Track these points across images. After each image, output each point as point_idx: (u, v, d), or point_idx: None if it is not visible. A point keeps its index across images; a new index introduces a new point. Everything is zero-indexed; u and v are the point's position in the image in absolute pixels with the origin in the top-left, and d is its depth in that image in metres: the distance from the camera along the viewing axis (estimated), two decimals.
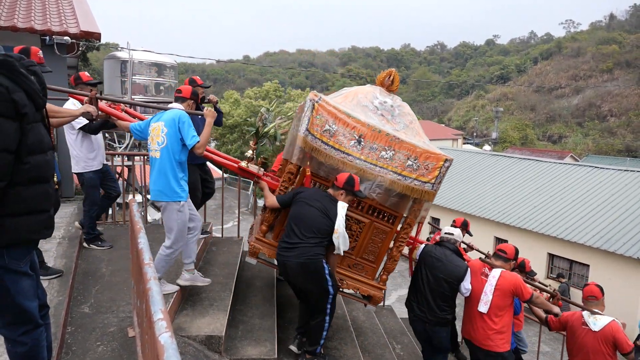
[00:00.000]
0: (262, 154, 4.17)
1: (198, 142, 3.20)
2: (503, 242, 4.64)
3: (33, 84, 1.84)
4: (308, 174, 3.59)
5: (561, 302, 4.40)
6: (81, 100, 3.90)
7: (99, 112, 3.57)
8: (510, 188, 16.48)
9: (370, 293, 3.88)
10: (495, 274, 3.80)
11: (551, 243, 13.46)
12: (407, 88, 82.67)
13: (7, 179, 1.77)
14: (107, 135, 10.53)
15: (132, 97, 10.52)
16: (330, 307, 3.41)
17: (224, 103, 27.47)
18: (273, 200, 3.60)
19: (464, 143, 46.32)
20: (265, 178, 3.90)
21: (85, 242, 4.39)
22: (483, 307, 3.77)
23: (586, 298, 3.98)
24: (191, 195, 3.53)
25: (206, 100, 4.65)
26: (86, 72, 4.27)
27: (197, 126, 3.95)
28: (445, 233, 4.17)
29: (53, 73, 6.71)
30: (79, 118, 3.63)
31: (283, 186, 3.67)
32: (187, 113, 3.33)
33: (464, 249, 4.79)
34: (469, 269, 3.94)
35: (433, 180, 3.52)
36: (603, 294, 3.95)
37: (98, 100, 3.54)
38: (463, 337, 4.16)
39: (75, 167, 4.18)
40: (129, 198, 4.17)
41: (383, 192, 3.67)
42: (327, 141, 3.41)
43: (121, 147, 10.92)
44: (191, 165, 4.06)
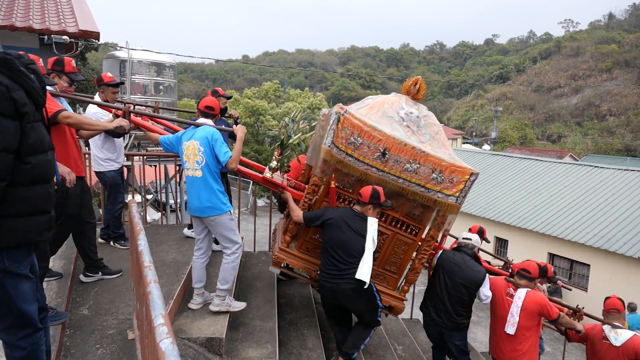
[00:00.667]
0: (286, 164, 4.15)
1: (231, 158, 3.22)
2: (503, 242, 4.61)
3: (33, 83, 1.81)
4: (333, 187, 3.59)
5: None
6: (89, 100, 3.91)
7: (131, 125, 3.56)
8: (510, 188, 16.48)
9: (391, 304, 3.89)
10: (520, 295, 3.78)
11: (551, 243, 13.44)
12: None
13: (8, 179, 1.74)
14: None
15: (131, 97, 10.48)
16: (379, 319, 3.60)
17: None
18: (299, 215, 3.59)
19: (463, 142, 46.37)
20: (289, 189, 3.88)
21: (111, 241, 4.40)
22: (510, 329, 3.76)
23: (607, 311, 3.93)
24: None
25: (227, 113, 4.74)
26: (108, 73, 4.25)
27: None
28: (463, 238, 4.17)
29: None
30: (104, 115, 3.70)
31: (307, 197, 3.67)
32: (218, 129, 3.34)
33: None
34: (489, 280, 3.95)
35: (457, 193, 3.54)
36: (625, 307, 3.92)
37: (131, 113, 3.52)
38: (492, 358, 4.13)
39: (96, 167, 4.21)
40: (129, 199, 4.14)
41: (408, 204, 3.68)
42: (352, 153, 3.43)
43: None
44: None
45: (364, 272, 3.33)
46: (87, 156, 4.96)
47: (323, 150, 3.43)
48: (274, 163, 3.87)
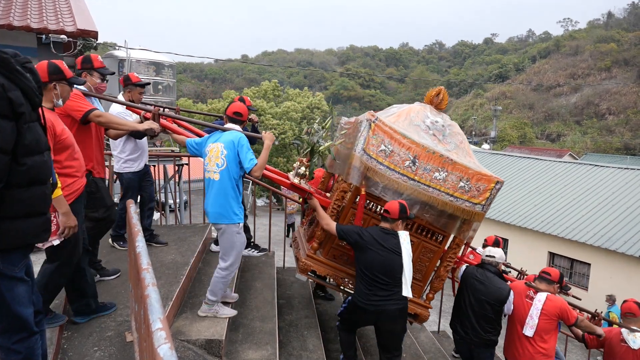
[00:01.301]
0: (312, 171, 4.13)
1: (256, 165, 3.16)
2: (504, 241, 4.63)
3: (29, 82, 1.77)
4: (363, 194, 3.57)
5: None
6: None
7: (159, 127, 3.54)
8: (510, 187, 16.47)
9: (416, 311, 3.88)
10: (540, 298, 3.79)
11: (552, 242, 13.44)
12: (406, 87, 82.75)
13: (4, 181, 1.71)
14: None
15: None
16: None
17: (224, 103, 27.44)
18: (330, 225, 3.55)
19: None
20: (318, 195, 3.86)
21: (110, 239, 4.37)
22: (529, 331, 3.76)
23: (624, 315, 3.96)
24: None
25: (253, 121, 4.80)
26: (135, 73, 4.23)
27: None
28: (486, 255, 4.15)
29: None
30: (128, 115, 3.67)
31: (336, 204, 3.66)
32: (245, 135, 3.31)
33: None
34: (513, 291, 3.94)
35: (483, 202, 3.56)
36: None
37: (160, 116, 3.49)
38: (505, 359, 4.13)
39: (116, 167, 4.20)
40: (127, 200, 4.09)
41: (435, 213, 3.66)
42: (382, 161, 3.42)
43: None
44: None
45: (408, 289, 3.37)
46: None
47: (354, 157, 3.43)
48: (303, 169, 3.86)
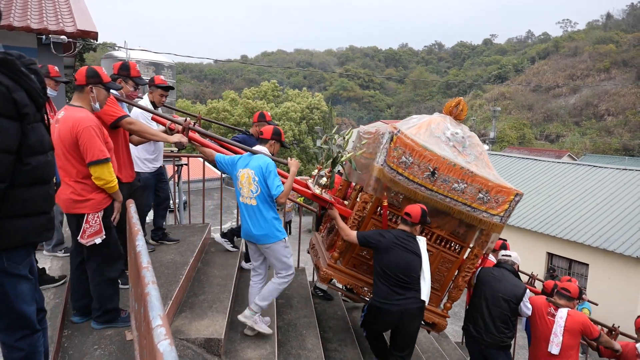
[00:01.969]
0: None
1: (282, 193, 3.24)
2: (503, 242, 4.63)
3: (34, 83, 1.79)
4: (385, 204, 3.65)
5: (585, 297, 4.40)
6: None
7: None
8: None
9: (434, 320, 3.93)
10: (562, 314, 3.81)
11: (550, 242, 13.47)
12: (405, 88, 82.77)
13: (8, 181, 1.73)
14: None
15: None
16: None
17: (223, 103, 27.47)
18: (351, 235, 3.62)
19: None
20: (338, 206, 3.91)
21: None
22: (554, 349, 3.78)
23: (638, 329, 4.00)
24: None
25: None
26: (161, 76, 4.25)
27: (246, 142, 4.14)
28: (502, 255, 4.20)
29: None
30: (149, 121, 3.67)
31: (357, 215, 3.71)
32: (272, 159, 3.38)
33: None
34: (533, 307, 3.96)
35: (502, 213, 3.62)
36: None
37: (190, 130, 3.51)
38: None
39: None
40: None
41: (452, 222, 3.75)
42: (402, 172, 3.50)
43: None
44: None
45: (426, 291, 3.45)
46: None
47: (376, 168, 3.51)
48: (324, 179, 3.90)
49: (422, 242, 3.57)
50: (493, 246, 3.88)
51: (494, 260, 4.61)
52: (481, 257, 4.07)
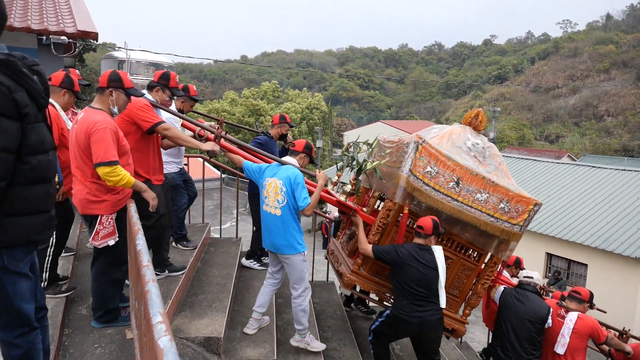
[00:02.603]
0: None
1: (309, 205, 3.27)
2: (517, 258, 4.71)
3: (35, 84, 1.81)
4: (406, 212, 3.69)
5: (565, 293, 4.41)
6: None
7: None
8: None
9: (454, 326, 3.98)
10: (572, 317, 3.85)
11: (549, 242, 13.48)
12: (405, 88, 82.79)
13: (8, 179, 1.75)
14: None
15: None
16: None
17: (222, 103, 27.48)
18: (367, 248, 3.67)
19: None
20: (363, 213, 3.95)
21: (173, 242, 4.41)
22: (560, 349, 3.82)
23: None
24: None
25: (287, 141, 4.94)
26: (194, 86, 4.26)
27: (270, 148, 4.28)
28: (524, 276, 4.20)
29: (50, 73, 6.70)
30: (175, 122, 3.71)
31: (381, 223, 3.75)
32: (302, 171, 3.42)
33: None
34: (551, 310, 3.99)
35: (522, 222, 3.68)
36: None
37: (221, 138, 3.55)
38: None
39: None
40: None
41: (475, 232, 3.79)
42: (428, 182, 3.53)
43: None
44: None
45: (443, 299, 3.53)
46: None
47: (401, 177, 3.56)
48: (349, 187, 3.93)
49: (439, 252, 3.61)
50: (511, 254, 3.94)
51: (508, 275, 4.66)
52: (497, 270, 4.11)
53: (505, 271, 4.54)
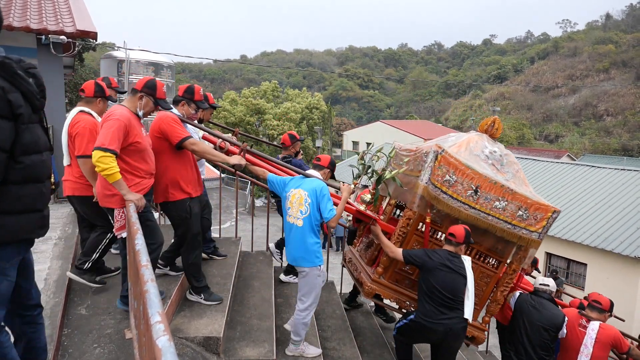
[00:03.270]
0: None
1: (334, 217, 3.29)
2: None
3: (30, 86, 1.84)
4: (428, 222, 3.72)
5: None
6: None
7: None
8: None
9: (473, 334, 4.00)
10: (594, 327, 3.86)
11: (549, 242, 13.49)
12: (405, 88, 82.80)
13: (1, 178, 1.77)
14: None
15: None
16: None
17: (222, 102, 27.46)
18: (396, 252, 3.69)
19: None
20: (382, 222, 3.97)
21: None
22: (584, 359, 3.82)
23: None
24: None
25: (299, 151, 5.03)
26: (211, 94, 4.26)
27: (301, 166, 4.28)
28: (540, 284, 4.21)
29: (49, 73, 6.70)
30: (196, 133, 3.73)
31: (401, 232, 3.78)
32: (327, 184, 3.45)
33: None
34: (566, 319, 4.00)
35: (540, 230, 3.71)
36: None
37: (247, 152, 3.57)
38: None
39: None
40: None
41: (492, 239, 3.84)
42: (446, 190, 3.57)
43: None
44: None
45: (469, 310, 3.54)
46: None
47: (420, 186, 3.59)
48: (368, 196, 3.96)
49: (468, 262, 3.64)
50: (530, 261, 3.97)
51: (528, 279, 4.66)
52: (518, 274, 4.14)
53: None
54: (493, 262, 4.00)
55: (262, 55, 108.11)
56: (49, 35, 6.15)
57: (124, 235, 2.83)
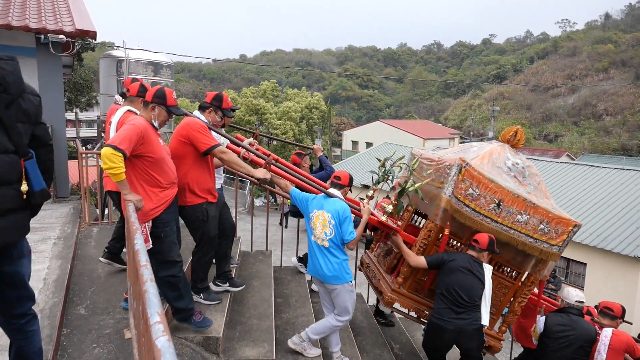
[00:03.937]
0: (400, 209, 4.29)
1: (354, 239, 3.39)
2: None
3: None
4: (446, 234, 3.76)
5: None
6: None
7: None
8: None
9: (490, 343, 4.03)
10: (607, 334, 3.85)
11: None
12: (404, 87, 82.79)
13: None
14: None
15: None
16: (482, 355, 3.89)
17: None
18: (418, 261, 3.74)
19: (461, 142, 46.44)
20: (403, 232, 3.99)
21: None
22: None
23: None
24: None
25: (308, 152, 4.99)
26: (228, 99, 4.22)
27: (323, 179, 4.34)
28: (576, 301, 4.07)
29: (49, 73, 6.70)
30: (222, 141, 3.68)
31: (423, 243, 3.81)
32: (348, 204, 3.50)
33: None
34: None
35: (561, 243, 3.75)
36: None
37: (271, 165, 3.57)
38: None
39: None
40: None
41: (512, 252, 3.85)
42: (469, 204, 3.60)
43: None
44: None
45: (485, 316, 3.57)
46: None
47: (443, 199, 3.62)
48: (390, 207, 3.98)
49: (488, 271, 3.67)
50: (549, 273, 3.96)
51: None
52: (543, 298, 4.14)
53: None
54: (511, 273, 4.02)
55: (262, 54, 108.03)
56: (48, 34, 6.14)
57: (148, 247, 2.76)
